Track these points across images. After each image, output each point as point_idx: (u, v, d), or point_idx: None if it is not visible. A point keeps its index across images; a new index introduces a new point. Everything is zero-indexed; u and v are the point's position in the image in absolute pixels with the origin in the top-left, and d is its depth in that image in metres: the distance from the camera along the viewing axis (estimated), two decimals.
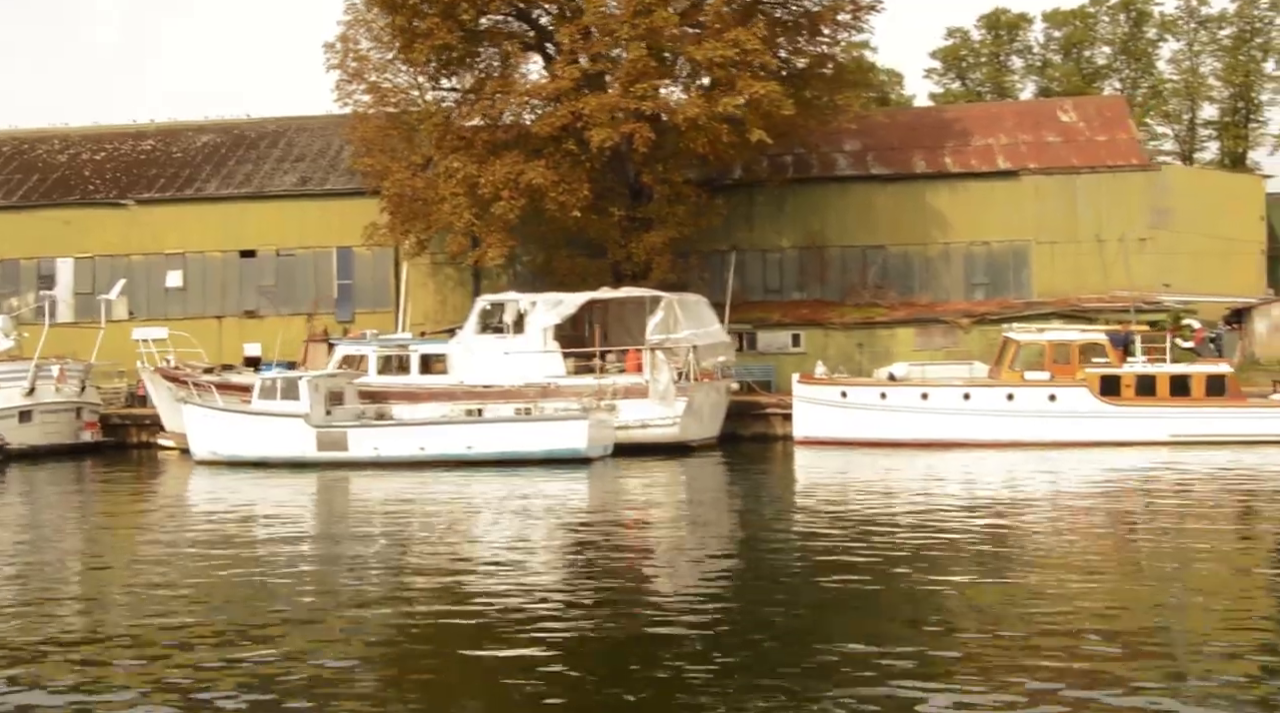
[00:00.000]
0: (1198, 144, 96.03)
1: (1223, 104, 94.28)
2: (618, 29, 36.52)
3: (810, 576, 17.38)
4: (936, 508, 23.63)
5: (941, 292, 45.92)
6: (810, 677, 11.92)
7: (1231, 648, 12.78)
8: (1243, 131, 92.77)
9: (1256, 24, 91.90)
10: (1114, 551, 19.34)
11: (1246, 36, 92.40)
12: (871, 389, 35.68)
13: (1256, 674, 11.93)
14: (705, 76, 39.06)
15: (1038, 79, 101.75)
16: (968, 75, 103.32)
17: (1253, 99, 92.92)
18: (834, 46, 42.50)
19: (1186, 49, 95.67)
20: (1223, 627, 13.81)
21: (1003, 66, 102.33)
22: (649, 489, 29.28)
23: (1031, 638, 13.20)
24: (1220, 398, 33.40)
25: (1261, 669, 12.13)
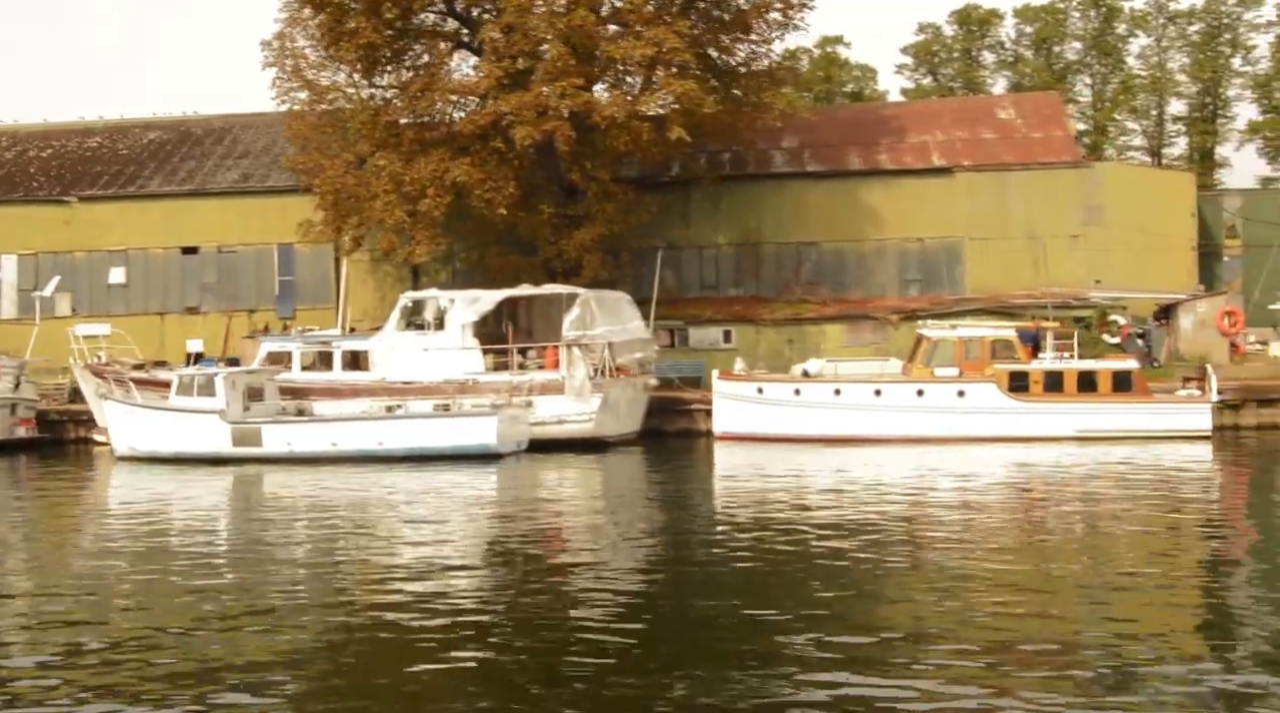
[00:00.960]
0: (1166, 139, 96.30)
1: (1191, 100, 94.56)
2: (537, 28, 36.77)
3: (710, 570, 17.65)
4: (837, 504, 23.93)
5: (876, 288, 46.23)
6: (728, 666, 12.05)
7: (1147, 638, 13.04)
8: (1210, 127, 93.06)
9: (1224, 19, 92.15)
10: (1014, 541, 19.54)
11: (1215, 32, 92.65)
12: (786, 385, 35.99)
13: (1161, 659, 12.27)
14: (631, 75, 39.28)
15: (1009, 75, 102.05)
16: (939, 71, 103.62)
17: (1220, 94, 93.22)
18: (763, 45, 42.69)
19: (1155, 45, 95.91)
20: (1133, 618, 14.04)
21: (974, 62, 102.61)
22: (553, 485, 29.59)
23: (944, 625, 13.55)
24: (1126, 394, 33.69)
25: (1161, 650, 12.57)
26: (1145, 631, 13.33)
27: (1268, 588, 15.60)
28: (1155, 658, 12.18)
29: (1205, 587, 16.32)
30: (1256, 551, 18.78)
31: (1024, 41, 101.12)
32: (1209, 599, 15.50)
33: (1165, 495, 24.23)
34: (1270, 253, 47.13)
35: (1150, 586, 15.76)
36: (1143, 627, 13.51)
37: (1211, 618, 14.45)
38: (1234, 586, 16.26)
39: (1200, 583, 16.51)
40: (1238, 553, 18.61)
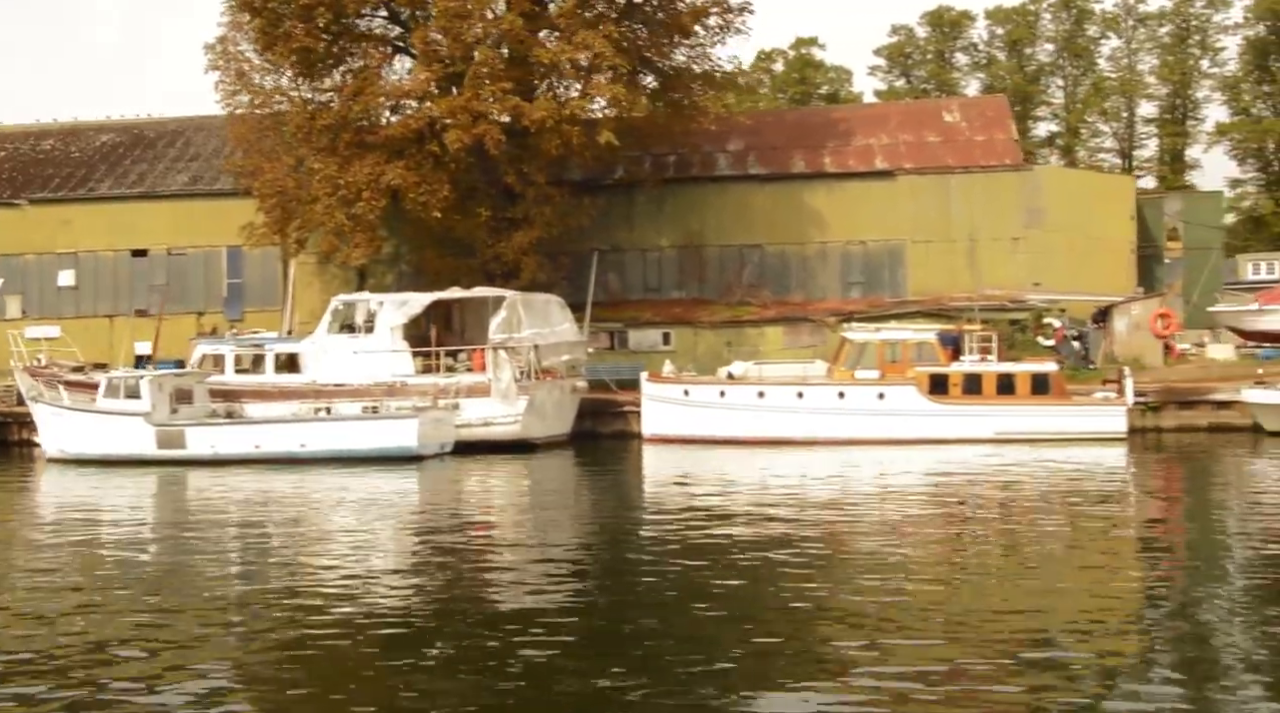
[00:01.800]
0: (1137, 142, 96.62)
1: (1161, 102, 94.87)
2: (465, 33, 37.04)
3: (616, 571, 17.85)
4: (754, 505, 24.15)
5: (818, 290, 46.50)
6: (657, 665, 12.19)
7: (1073, 633, 13.28)
8: (1180, 129, 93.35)
9: (1194, 21, 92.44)
10: (925, 543, 19.70)
11: (1184, 34, 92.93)
12: (712, 388, 36.25)
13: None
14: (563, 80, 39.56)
15: (982, 76, 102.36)
16: (912, 73, 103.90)
17: (1190, 96, 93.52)
18: (698, 48, 42.93)
19: (1125, 47, 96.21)
20: (1050, 613, 14.30)
21: (947, 64, 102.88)
22: (469, 487, 29.77)
23: (872, 620, 13.76)
24: (1044, 396, 33.95)
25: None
26: (1065, 624, 13.61)
27: (1168, 580, 16.23)
28: (1084, 650, 12.47)
29: (1115, 582, 16.48)
30: (1157, 547, 19.24)
31: (996, 43, 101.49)
32: (1119, 596, 15.59)
33: (1072, 497, 24.39)
34: (1210, 256, 47.43)
35: (1062, 581, 16.05)
36: (1062, 620, 13.79)
37: (1120, 613, 14.56)
38: (1139, 579, 16.72)
39: (1111, 580, 16.59)
40: (1138, 550, 18.91)
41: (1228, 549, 19.00)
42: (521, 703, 11.19)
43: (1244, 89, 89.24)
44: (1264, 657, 12.20)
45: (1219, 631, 13.43)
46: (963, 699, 10.98)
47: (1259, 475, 28.07)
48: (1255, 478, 27.78)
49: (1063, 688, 11.18)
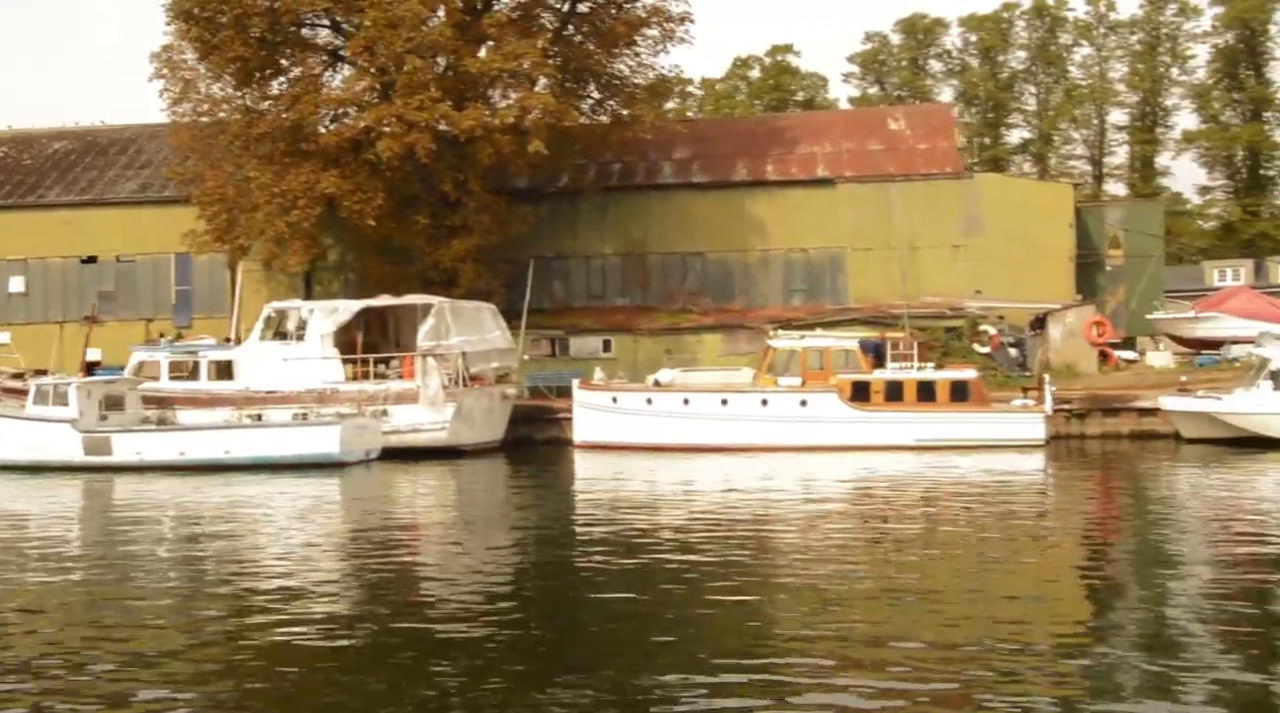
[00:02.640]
0: (1107, 148, 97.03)
1: (1131, 109, 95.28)
2: (396, 42, 37.34)
3: (527, 576, 17.94)
4: (672, 511, 24.52)
5: (760, 298, 46.79)
6: (579, 669, 12.21)
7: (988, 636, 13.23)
8: (1150, 136, 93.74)
9: (1164, 30, 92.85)
10: (842, 549, 19.68)
11: (1155, 42, 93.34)
12: (639, 395, 36.51)
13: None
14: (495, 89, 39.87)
15: (955, 83, 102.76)
16: (886, 79, 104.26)
17: (1160, 104, 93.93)
18: (634, 58, 43.27)
19: (1096, 54, 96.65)
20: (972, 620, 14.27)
21: (921, 70, 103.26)
22: (387, 493, 29.91)
23: (796, 626, 13.85)
24: (964, 403, 34.20)
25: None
26: (974, 628, 13.64)
27: (1087, 582, 16.62)
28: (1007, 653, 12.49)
29: (1031, 586, 16.53)
30: (1066, 552, 19.41)
31: (970, 50, 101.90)
32: (1031, 598, 15.66)
33: (984, 503, 24.61)
34: (1150, 263, 47.72)
35: (980, 587, 16.18)
36: (973, 625, 13.81)
37: (1020, 615, 14.58)
38: (1054, 581, 16.92)
39: (1028, 584, 16.67)
40: (1048, 554, 19.00)
41: (1134, 555, 19.14)
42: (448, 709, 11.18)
43: (1214, 97, 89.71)
44: (1194, 654, 12.38)
45: (1131, 628, 13.72)
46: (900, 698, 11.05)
47: (1171, 482, 28.23)
48: (1167, 484, 27.98)
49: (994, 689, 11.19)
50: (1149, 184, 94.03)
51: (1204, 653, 12.40)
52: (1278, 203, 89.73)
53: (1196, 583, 16.30)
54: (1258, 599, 14.89)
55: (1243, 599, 14.82)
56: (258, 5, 38.81)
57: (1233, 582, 16.25)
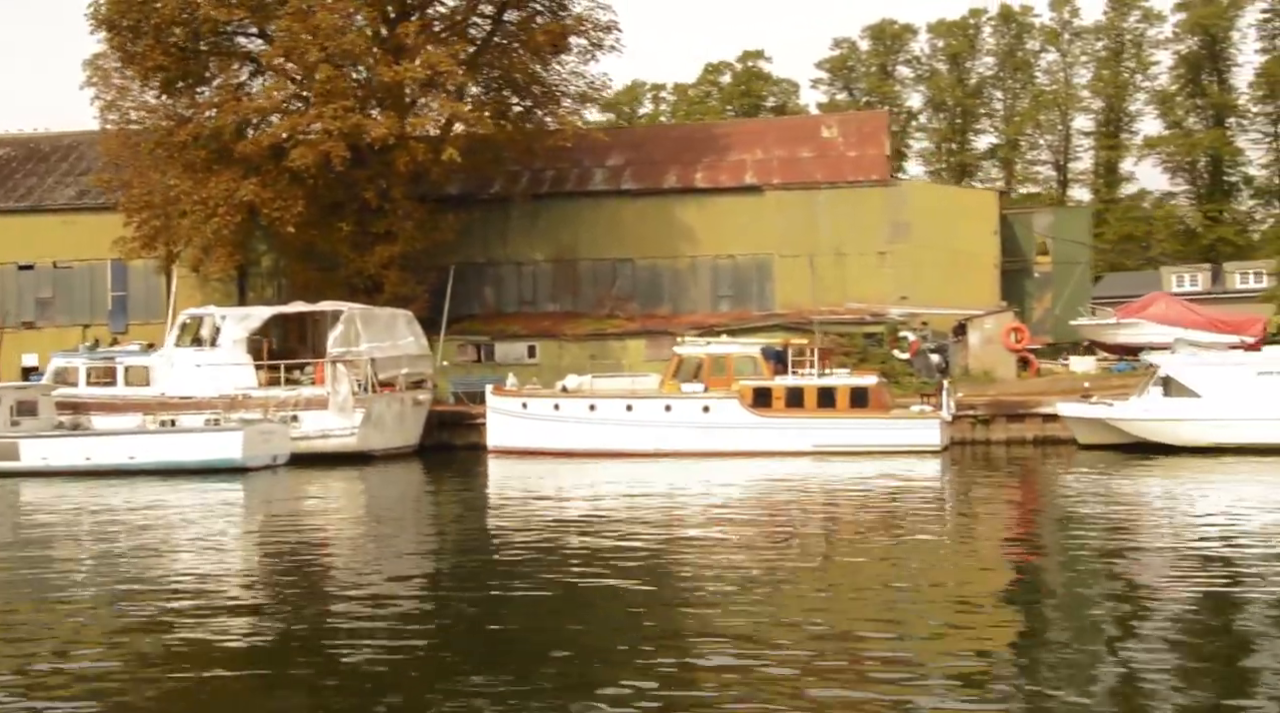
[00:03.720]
0: (1072, 154, 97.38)
1: (1096, 115, 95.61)
2: (308, 51, 37.73)
3: (413, 580, 18.00)
4: (568, 515, 24.82)
5: (688, 303, 47.18)
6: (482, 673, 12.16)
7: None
8: (1114, 141, 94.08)
9: (1128, 36, 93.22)
10: (737, 553, 19.82)
11: (1119, 48, 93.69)
12: (547, 401, 36.85)
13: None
14: (409, 97, 40.25)
15: (923, 89, 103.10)
16: (854, 85, 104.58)
17: (1124, 110, 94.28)
18: (553, 66, 43.65)
19: (1060, 60, 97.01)
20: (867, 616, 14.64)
21: (889, 76, 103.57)
22: (283, 498, 30.14)
23: (710, 628, 13.92)
24: (863, 410, 34.51)
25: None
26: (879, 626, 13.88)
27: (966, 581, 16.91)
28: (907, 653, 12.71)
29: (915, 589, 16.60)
30: (946, 554, 19.65)
31: (939, 56, 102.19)
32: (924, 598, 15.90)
33: (862, 507, 25.06)
34: (1076, 270, 48.05)
35: (842, 581, 16.56)
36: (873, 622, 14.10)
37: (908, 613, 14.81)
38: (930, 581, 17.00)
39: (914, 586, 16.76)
40: (924, 557, 19.15)
41: (1002, 551, 19.58)
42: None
43: (1177, 103, 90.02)
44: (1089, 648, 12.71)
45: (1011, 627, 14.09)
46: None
47: (1061, 486, 28.52)
48: (1056, 488, 28.31)
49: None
50: (1113, 190, 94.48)
51: (1069, 638, 13.08)
52: (1240, 208, 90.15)
53: (1059, 577, 17.00)
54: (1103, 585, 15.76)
55: (1095, 585, 15.69)
56: (177, 15, 39.14)
57: (1091, 573, 17.01)
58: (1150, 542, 19.95)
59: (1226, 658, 12.24)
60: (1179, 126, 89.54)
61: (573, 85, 46.16)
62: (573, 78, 46.04)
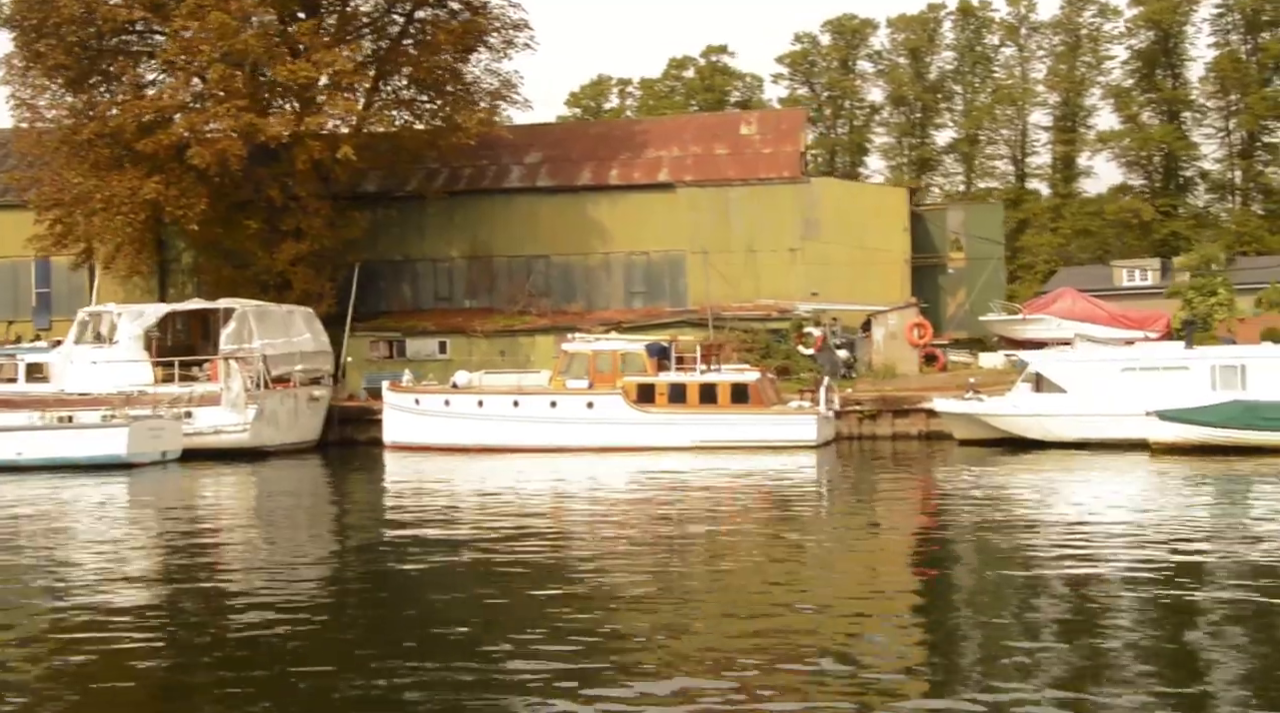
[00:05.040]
0: (1030, 148, 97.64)
1: (1053, 110, 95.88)
2: (203, 51, 38.08)
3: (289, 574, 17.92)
4: (436, 510, 24.95)
5: (602, 300, 47.56)
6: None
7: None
8: (1071, 136, 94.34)
9: (1084, 30, 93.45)
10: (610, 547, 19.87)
11: (1075, 43, 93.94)
12: (438, 397, 37.25)
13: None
14: (303, 97, 40.58)
15: (884, 84, 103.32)
16: (815, 80, 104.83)
17: (1081, 104, 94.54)
18: (460, 64, 43.98)
19: (1018, 55, 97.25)
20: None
21: (850, 71, 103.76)
22: (167, 495, 30.25)
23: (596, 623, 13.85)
24: (743, 406, 34.89)
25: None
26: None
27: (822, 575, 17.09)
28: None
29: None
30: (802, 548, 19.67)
31: (899, 51, 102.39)
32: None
33: (722, 501, 25.37)
34: (988, 266, 48.40)
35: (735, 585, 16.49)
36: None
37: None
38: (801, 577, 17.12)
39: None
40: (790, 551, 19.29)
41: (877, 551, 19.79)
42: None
43: (1132, 98, 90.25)
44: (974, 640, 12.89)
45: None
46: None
47: (920, 481, 28.88)
48: (916, 482, 28.69)
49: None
50: (1069, 185, 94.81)
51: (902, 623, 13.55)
52: (1193, 203, 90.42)
53: (896, 568, 17.64)
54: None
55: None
56: (78, 14, 39.46)
57: (931, 563, 17.69)
58: (969, 536, 20.07)
59: (1109, 642, 12.33)
60: (1134, 121, 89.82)
61: (487, 84, 46.46)
62: (487, 76, 46.37)
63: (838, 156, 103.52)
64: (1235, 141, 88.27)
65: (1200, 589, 14.85)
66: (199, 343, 39.98)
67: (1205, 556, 16.89)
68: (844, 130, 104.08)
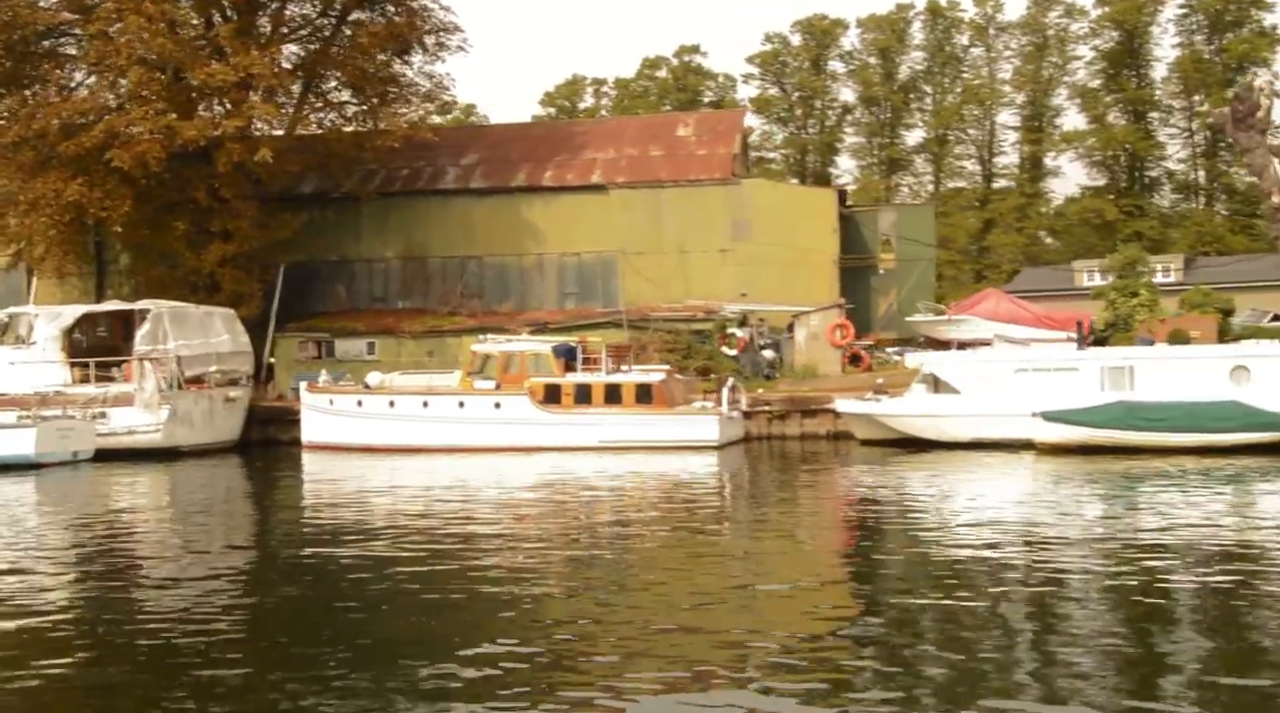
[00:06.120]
0: (997, 149, 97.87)
1: (1021, 110, 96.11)
2: (119, 53, 38.42)
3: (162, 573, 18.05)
4: (351, 510, 25.23)
5: (535, 300, 47.88)
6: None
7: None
8: (1039, 136, 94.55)
9: (1049, 29, 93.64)
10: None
11: (1043, 43, 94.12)
12: (351, 397, 37.58)
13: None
14: (223, 99, 40.92)
15: (854, 84, 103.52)
16: (786, 80, 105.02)
17: (1048, 104, 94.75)
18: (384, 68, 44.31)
19: (985, 55, 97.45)
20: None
21: (821, 71, 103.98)
22: (68, 495, 30.66)
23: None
24: (647, 406, 35.18)
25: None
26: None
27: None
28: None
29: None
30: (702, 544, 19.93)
31: (870, 51, 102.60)
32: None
33: (617, 499, 25.73)
34: (919, 267, 48.66)
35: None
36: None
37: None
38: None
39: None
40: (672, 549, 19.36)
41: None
42: None
43: (1098, 98, 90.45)
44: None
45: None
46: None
47: (805, 480, 29.15)
48: (801, 481, 28.97)
49: None
50: (1037, 185, 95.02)
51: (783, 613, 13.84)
52: (1158, 203, 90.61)
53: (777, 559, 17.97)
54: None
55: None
56: (3, 18, 39.79)
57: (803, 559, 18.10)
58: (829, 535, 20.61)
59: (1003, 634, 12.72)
60: (1100, 122, 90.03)
61: (422, 86, 46.84)
62: (420, 78, 46.74)
63: (809, 157, 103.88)
64: (1199, 142, 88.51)
65: (1018, 590, 14.97)
66: (121, 344, 40.29)
67: (1014, 555, 17.10)
68: (815, 130, 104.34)
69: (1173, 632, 12.71)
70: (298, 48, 45.70)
